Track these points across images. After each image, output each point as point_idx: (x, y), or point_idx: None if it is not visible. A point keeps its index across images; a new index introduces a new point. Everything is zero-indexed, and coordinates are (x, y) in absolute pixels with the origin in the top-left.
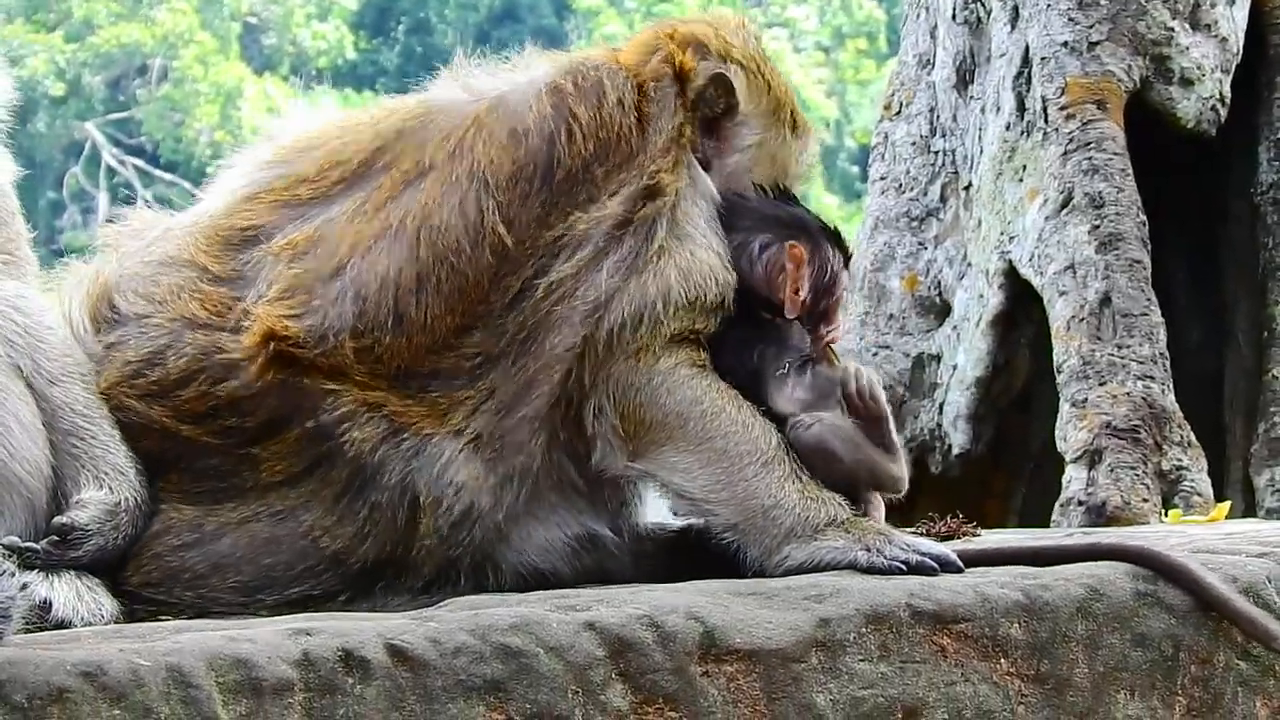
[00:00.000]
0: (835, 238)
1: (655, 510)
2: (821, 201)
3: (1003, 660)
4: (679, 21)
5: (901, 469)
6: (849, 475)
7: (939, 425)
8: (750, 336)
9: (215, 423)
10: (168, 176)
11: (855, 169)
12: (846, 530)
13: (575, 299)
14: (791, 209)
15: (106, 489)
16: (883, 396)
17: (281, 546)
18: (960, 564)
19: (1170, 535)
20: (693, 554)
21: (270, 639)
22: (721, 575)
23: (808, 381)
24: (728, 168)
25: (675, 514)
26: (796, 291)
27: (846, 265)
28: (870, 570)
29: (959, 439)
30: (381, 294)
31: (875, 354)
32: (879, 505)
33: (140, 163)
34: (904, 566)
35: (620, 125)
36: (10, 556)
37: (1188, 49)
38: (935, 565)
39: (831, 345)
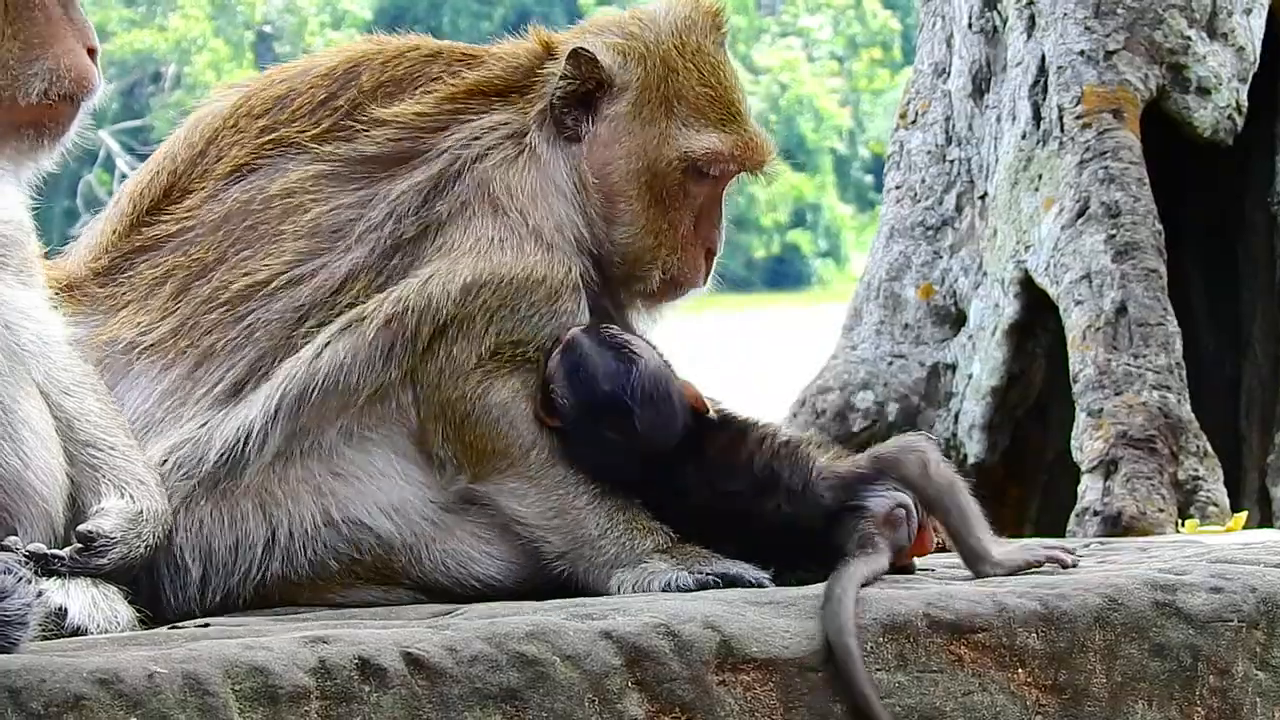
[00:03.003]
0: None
1: None
2: (836, 211)
3: (1020, 670)
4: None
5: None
6: None
7: (954, 435)
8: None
9: None
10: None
11: (869, 178)
12: (670, 555)
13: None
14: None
15: (128, 498)
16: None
17: None
18: (763, 579)
19: (1187, 545)
20: None
21: (287, 647)
22: None
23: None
24: (591, 136)
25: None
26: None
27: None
28: (687, 588)
29: (974, 448)
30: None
31: (890, 363)
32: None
33: None
34: (719, 580)
35: (417, 66)
36: (27, 564)
37: (1205, 58)
38: (750, 578)
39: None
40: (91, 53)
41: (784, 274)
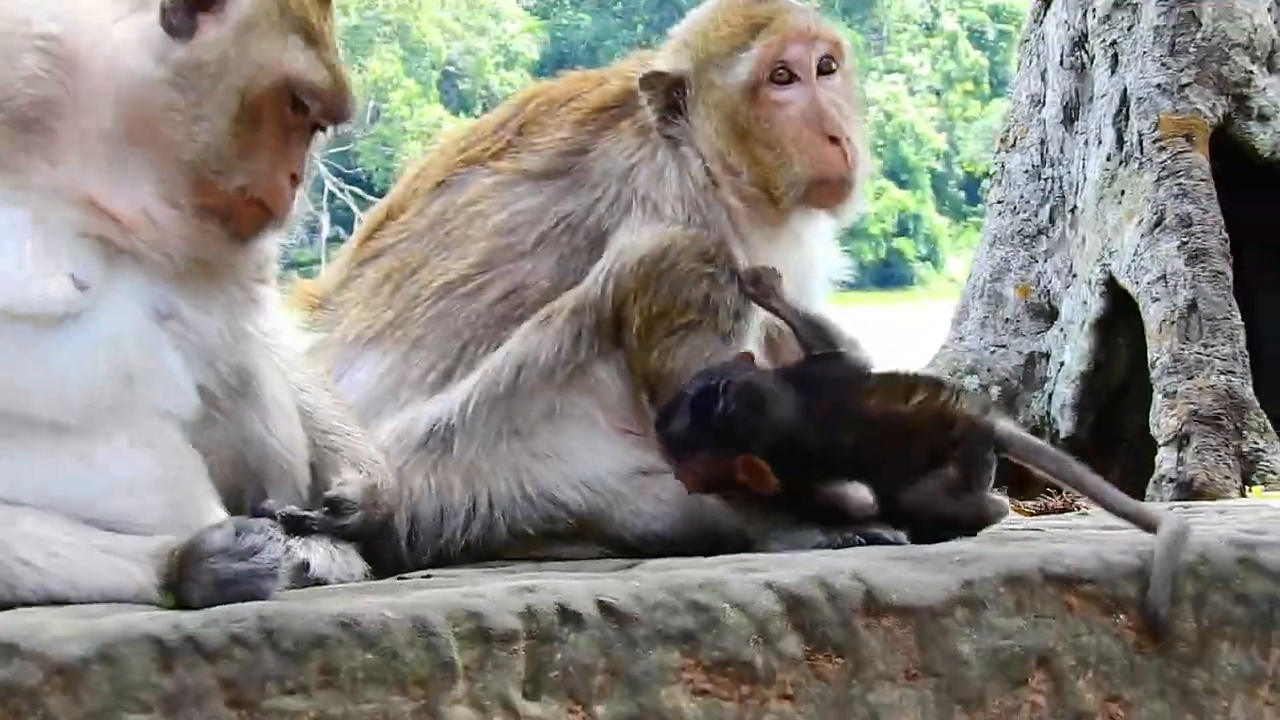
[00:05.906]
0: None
1: None
2: (934, 221)
3: (1122, 615)
4: None
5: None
6: None
7: (1048, 414)
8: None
9: None
10: (380, 201)
11: (962, 193)
12: (821, 520)
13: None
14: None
15: (365, 473)
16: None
17: None
18: (901, 538)
19: (1260, 509)
20: None
21: (498, 595)
22: None
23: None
24: (693, 133)
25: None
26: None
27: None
28: (836, 546)
29: (1065, 426)
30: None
31: (993, 352)
32: None
33: (357, 190)
34: (863, 540)
35: (564, 88)
36: (277, 525)
37: (1265, 89)
38: (889, 538)
39: None
40: (294, 179)
41: (889, 276)
